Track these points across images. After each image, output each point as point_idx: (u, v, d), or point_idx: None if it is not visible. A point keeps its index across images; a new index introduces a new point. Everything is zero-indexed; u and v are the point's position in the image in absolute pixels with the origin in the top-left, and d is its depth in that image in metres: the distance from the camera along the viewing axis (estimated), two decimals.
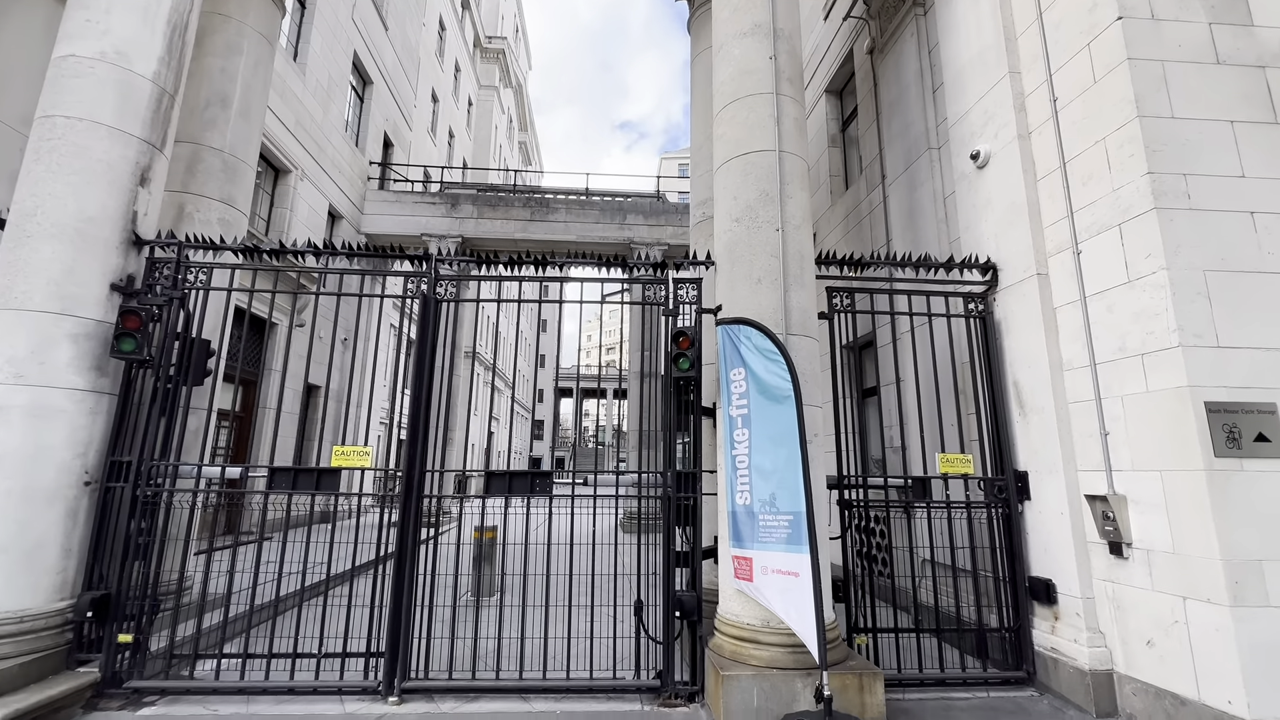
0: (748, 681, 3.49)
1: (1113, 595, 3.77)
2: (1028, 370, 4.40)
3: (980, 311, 4.77)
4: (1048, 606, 4.12)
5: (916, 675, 4.09)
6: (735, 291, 4.29)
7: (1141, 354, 3.60)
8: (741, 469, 3.89)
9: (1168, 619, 3.40)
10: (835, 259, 4.68)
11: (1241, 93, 3.75)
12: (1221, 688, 3.11)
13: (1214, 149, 3.66)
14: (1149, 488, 3.54)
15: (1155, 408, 3.51)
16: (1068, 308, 4.17)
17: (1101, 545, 3.83)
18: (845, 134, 8.94)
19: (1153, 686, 3.48)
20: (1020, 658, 4.19)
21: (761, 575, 3.66)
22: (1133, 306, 3.67)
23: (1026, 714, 3.77)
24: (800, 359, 4.01)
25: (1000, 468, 4.48)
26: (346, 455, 4.14)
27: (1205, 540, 3.21)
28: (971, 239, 5.05)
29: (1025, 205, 4.48)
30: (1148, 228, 3.59)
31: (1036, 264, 4.37)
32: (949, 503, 4.43)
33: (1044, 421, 4.23)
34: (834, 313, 4.59)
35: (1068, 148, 4.21)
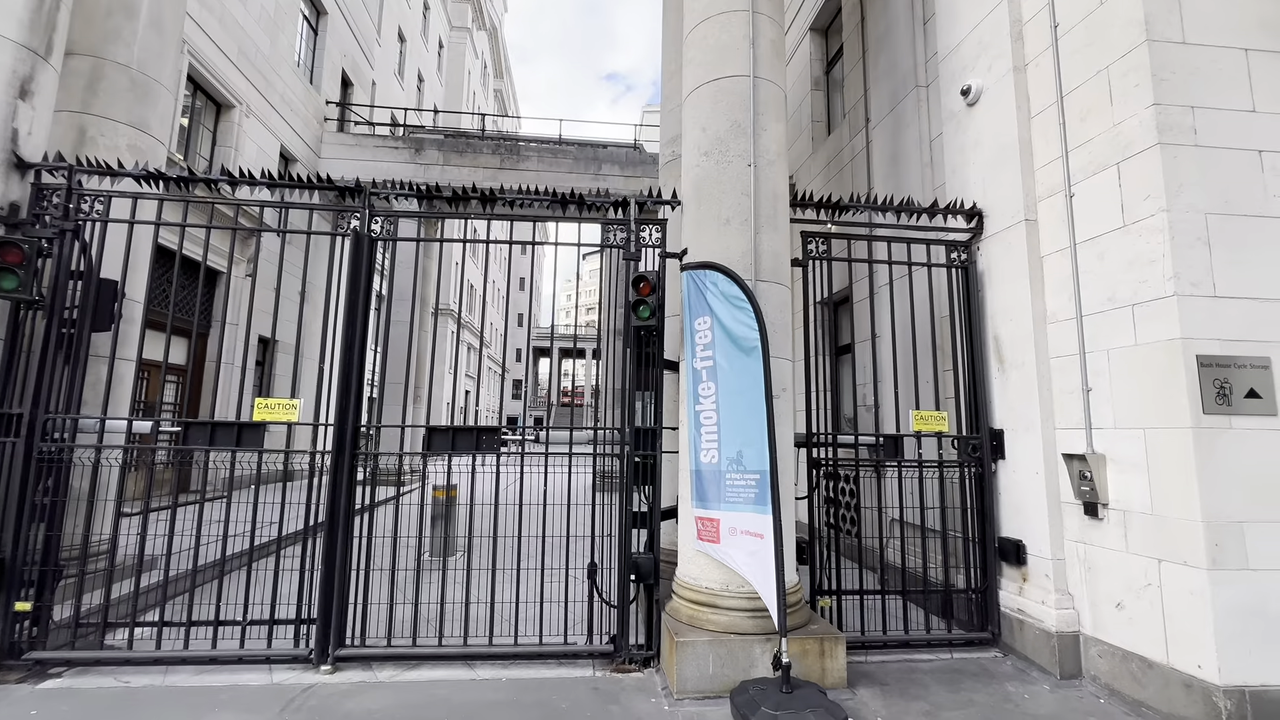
0: (704, 648, 3.29)
1: (1084, 557, 3.62)
2: (1009, 323, 4.15)
3: (963, 261, 4.48)
4: (1016, 568, 3.99)
5: (880, 638, 3.96)
6: (702, 233, 3.92)
7: (1133, 304, 3.35)
8: (707, 425, 3.61)
9: (1140, 581, 3.26)
10: (811, 200, 4.32)
11: (1259, 17, 3.41)
12: (1192, 651, 2.98)
13: (1225, 80, 3.34)
14: (1130, 446, 3.34)
15: (1143, 362, 3.28)
16: (1055, 256, 3.89)
17: (1076, 506, 3.67)
18: (829, 77, 8.43)
19: (1120, 649, 3.36)
20: (986, 619, 4.08)
21: (729, 537, 3.43)
22: (1126, 253, 3.40)
23: (990, 676, 3.66)
24: (770, 308, 3.70)
25: (975, 426, 4.28)
26: (271, 409, 3.75)
27: (1186, 501, 3.03)
28: (957, 184, 4.71)
29: (1017, 145, 4.14)
30: (1149, 166, 3.28)
31: (1025, 209, 4.06)
32: (921, 461, 4.23)
33: (1023, 377, 4.01)
34: (809, 259, 4.25)
35: (1066, 79, 3.85)
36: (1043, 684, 3.54)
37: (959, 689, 3.45)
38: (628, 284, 3.97)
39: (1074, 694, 3.43)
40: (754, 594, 3.42)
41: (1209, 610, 2.92)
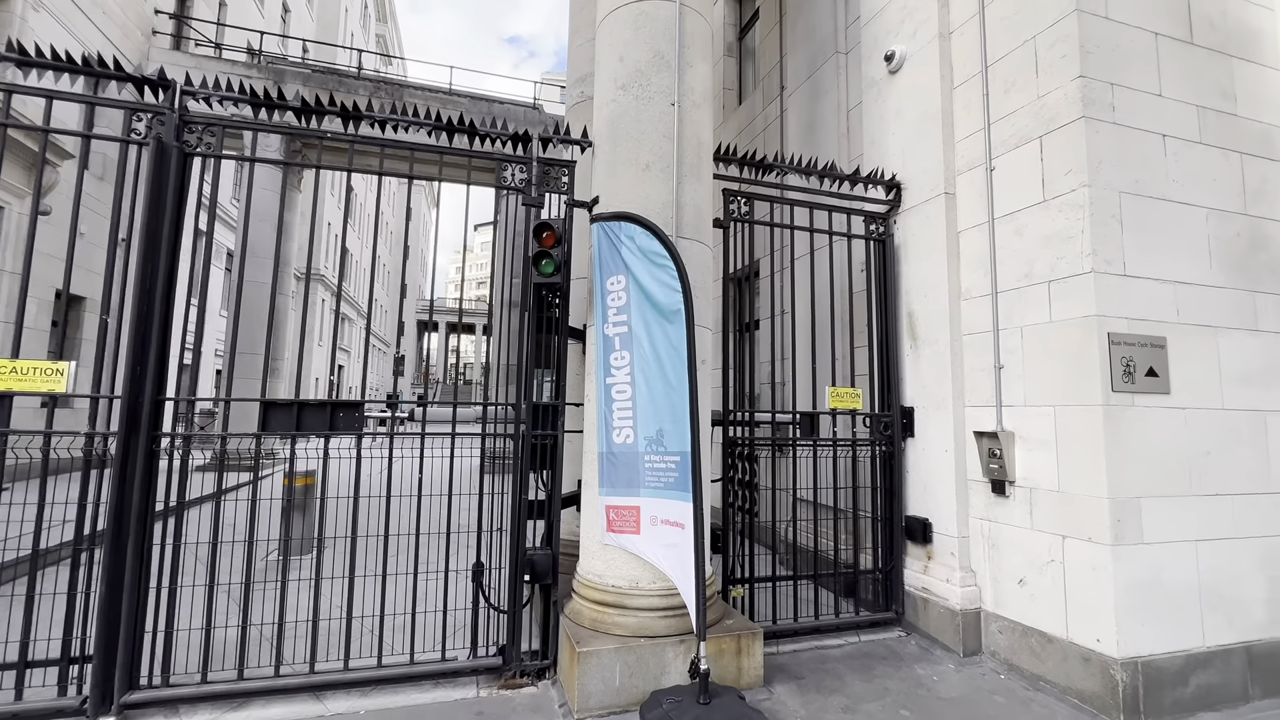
0: (609, 656, 2.84)
1: (988, 534, 3.62)
2: (924, 299, 4.06)
3: (880, 234, 4.34)
4: (922, 546, 3.95)
5: (792, 625, 3.75)
6: (617, 179, 3.39)
7: (1049, 281, 3.32)
8: (620, 400, 3.13)
9: (1044, 558, 3.27)
10: (734, 155, 3.93)
11: (1167, 3, 3.47)
12: (1091, 626, 3.02)
13: (1139, 61, 3.36)
14: (1040, 424, 3.33)
15: (1057, 339, 3.26)
16: (972, 231, 3.83)
17: (983, 484, 3.65)
18: (742, 44, 8.15)
19: (1020, 625, 3.39)
20: (890, 599, 4.03)
21: (650, 527, 2.99)
22: (1045, 229, 3.35)
23: (899, 658, 3.58)
24: (692, 269, 3.26)
25: (887, 403, 4.19)
26: (24, 376, 2.71)
27: (1094, 478, 3.04)
28: (876, 154, 4.56)
29: (939, 115, 4.02)
30: (1072, 139, 3.23)
31: (945, 182, 3.96)
32: (835, 440, 4.06)
33: (936, 354, 3.94)
34: (730, 220, 3.87)
35: (992, 48, 3.74)
36: (947, 663, 3.51)
37: (872, 676, 3.31)
38: (528, 233, 3.35)
39: (977, 671, 3.42)
40: (668, 590, 3.02)
41: (1110, 585, 2.94)
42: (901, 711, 2.94)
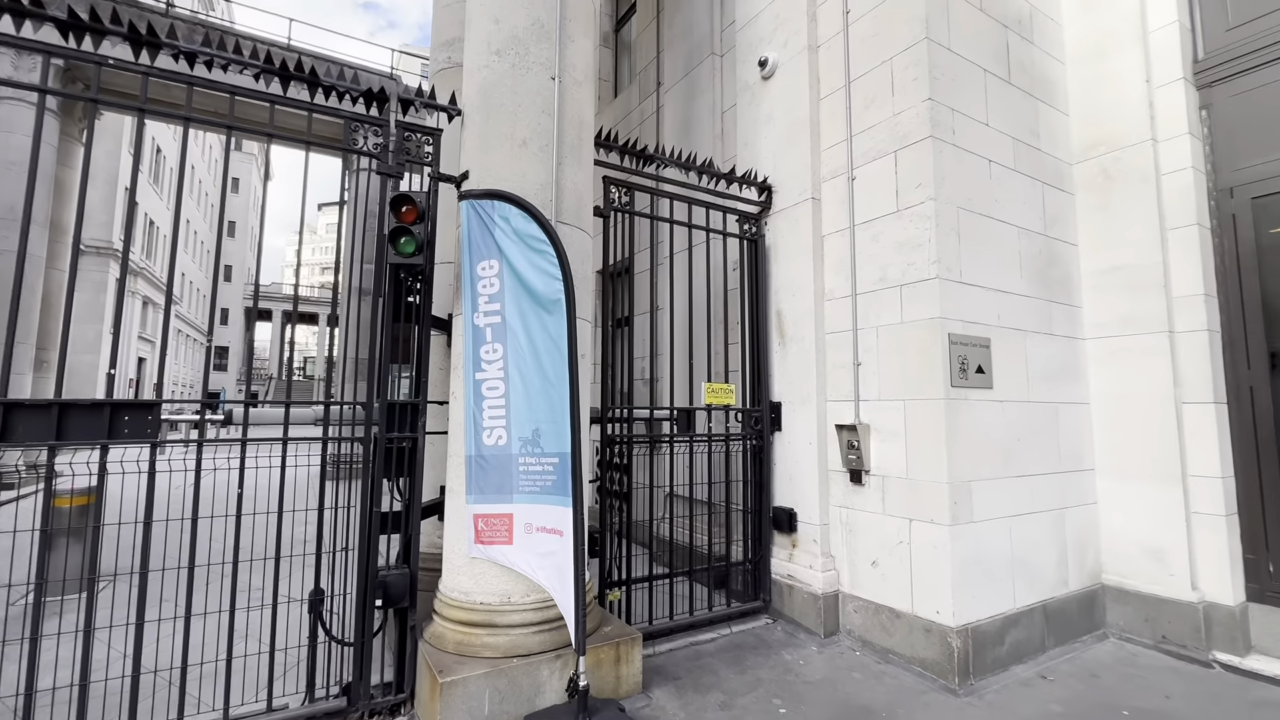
0: (477, 683, 2.55)
1: (846, 521, 3.87)
2: (792, 299, 4.24)
3: (752, 234, 4.46)
4: (788, 535, 4.13)
5: (667, 625, 3.71)
6: (490, 154, 3.07)
7: (901, 285, 3.60)
8: (492, 397, 2.83)
9: (894, 540, 3.55)
10: (615, 142, 3.79)
11: (992, 44, 3.93)
12: (932, 599, 3.32)
13: (972, 91, 3.76)
14: (892, 417, 3.61)
15: (907, 338, 3.55)
16: (836, 236, 4.06)
17: (843, 474, 3.89)
18: (618, 36, 8.07)
19: (873, 603, 3.65)
20: (758, 588, 4.16)
21: (525, 536, 2.73)
22: (898, 237, 3.63)
23: (767, 646, 3.69)
24: (573, 257, 3.05)
25: (758, 399, 4.32)
26: None
27: (936, 465, 3.35)
28: (749, 156, 4.69)
29: (808, 123, 4.22)
30: (922, 156, 3.53)
31: (812, 188, 4.17)
32: (710, 436, 4.10)
33: (802, 351, 4.13)
34: (610, 209, 3.72)
35: (854, 65, 3.99)
36: (810, 645, 3.69)
37: (745, 668, 3.36)
38: (383, 207, 2.92)
39: (836, 651, 3.62)
40: (544, 603, 2.80)
41: (948, 562, 3.26)
42: (773, 700, 3.00)
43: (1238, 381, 3.71)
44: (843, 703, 3.00)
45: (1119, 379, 3.99)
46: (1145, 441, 3.84)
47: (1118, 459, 3.97)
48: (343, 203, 3.06)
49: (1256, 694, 3.15)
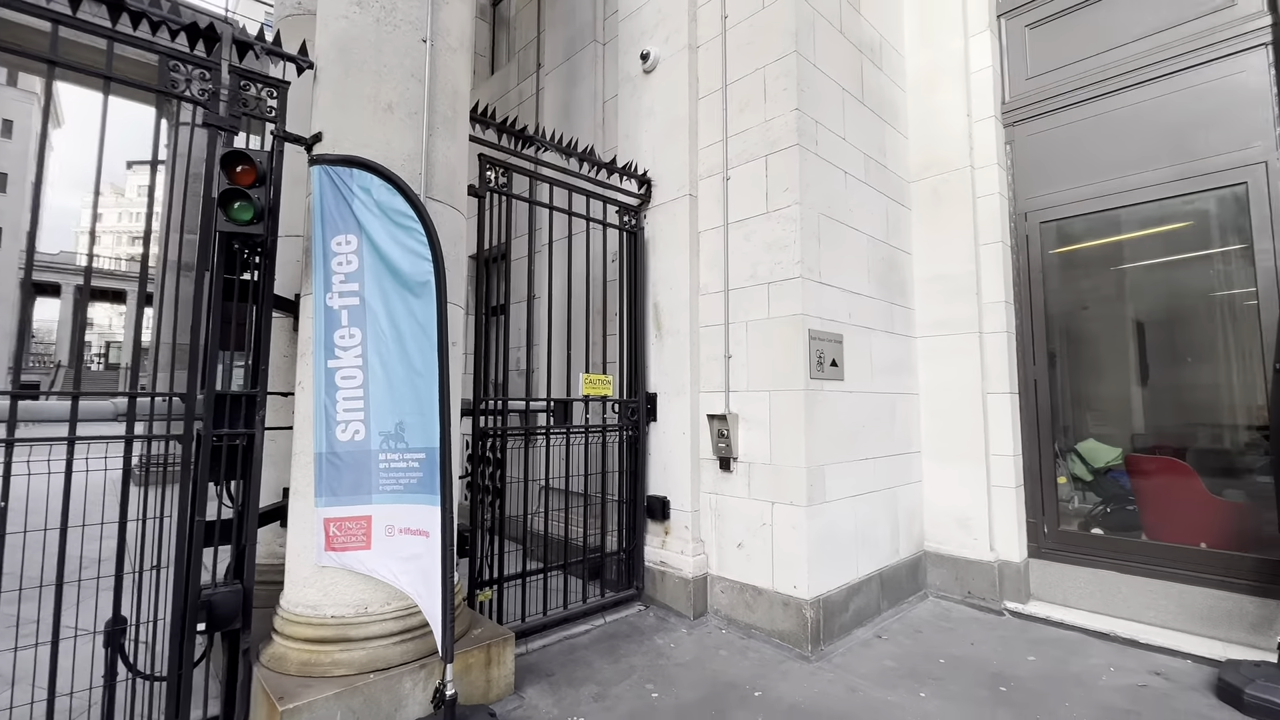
0: (326, 706, 2.30)
1: (716, 506, 4.05)
2: (669, 292, 4.33)
3: (632, 226, 4.49)
4: (661, 523, 4.23)
5: (541, 620, 3.63)
6: (350, 116, 2.76)
7: (769, 283, 3.82)
8: (348, 388, 2.55)
9: (758, 522, 3.78)
10: (493, 119, 3.59)
11: (849, 66, 4.29)
12: (790, 576, 3.59)
13: (833, 107, 4.08)
14: (758, 407, 3.83)
15: (773, 333, 3.78)
16: (711, 232, 4.21)
17: (713, 461, 4.06)
18: (496, 10, 7.69)
19: (738, 583, 3.86)
20: (632, 576, 4.23)
21: (386, 539, 2.49)
22: (767, 237, 3.85)
23: (640, 633, 3.75)
24: (444, 236, 2.84)
25: (635, 390, 4.37)
26: None
27: (795, 451, 3.61)
28: (630, 148, 4.70)
29: (686, 121, 4.31)
30: (789, 162, 3.76)
31: (690, 185, 4.28)
32: (588, 427, 4.07)
33: (678, 344, 4.24)
34: (487, 189, 3.52)
35: (731, 69, 4.15)
36: (681, 629, 3.82)
37: (618, 657, 3.39)
38: (213, 164, 2.49)
39: (704, 631, 3.79)
40: (405, 610, 2.60)
41: (804, 540, 3.54)
42: (646, 686, 3.06)
43: (1026, 375, 4.44)
44: (711, 680, 3.13)
45: (941, 372, 4.59)
46: (959, 427, 4.46)
47: (939, 442, 4.57)
48: (157, 160, 2.57)
49: (1034, 634, 3.81)
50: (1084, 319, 4.42)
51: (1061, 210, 4.32)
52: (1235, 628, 3.47)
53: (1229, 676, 2.98)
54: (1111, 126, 4.10)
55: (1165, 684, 3.13)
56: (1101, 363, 4.42)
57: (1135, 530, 4.07)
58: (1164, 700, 2.97)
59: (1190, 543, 3.77)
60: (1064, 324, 4.41)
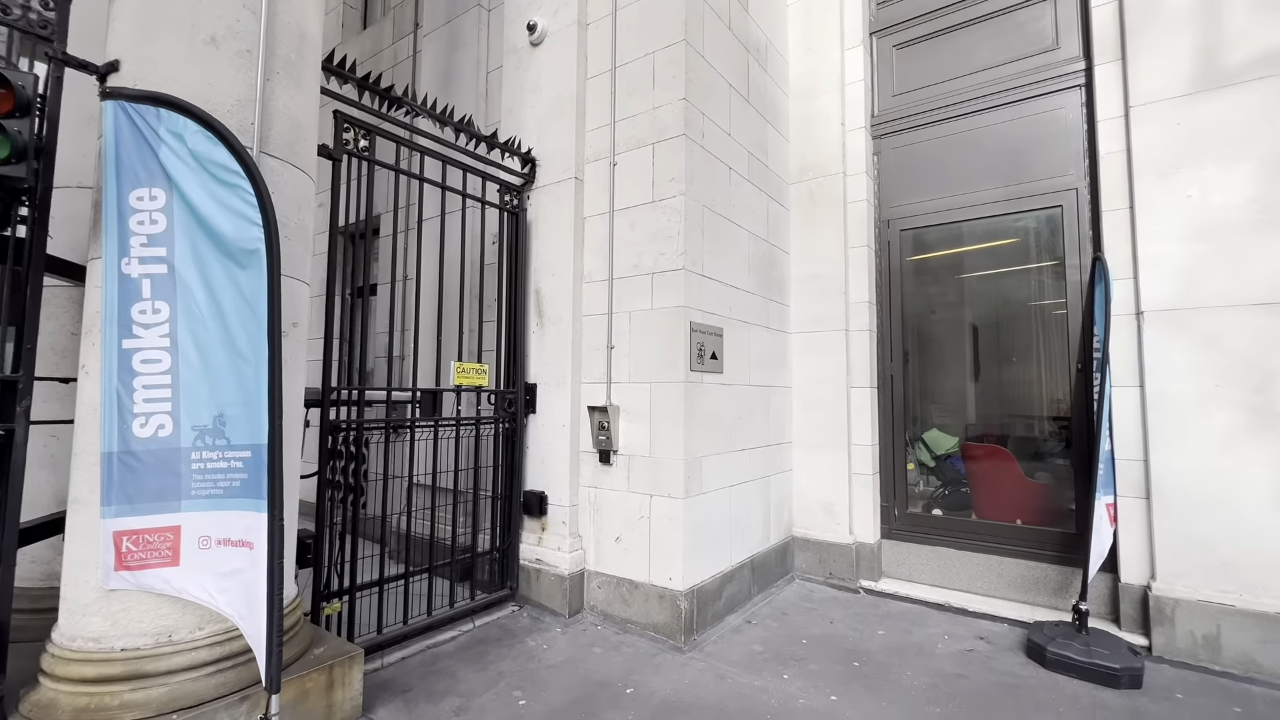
0: None
1: (594, 500, 3.95)
2: (552, 278, 4.15)
3: (514, 207, 4.24)
4: (538, 519, 4.06)
5: (401, 630, 3.33)
6: (158, 45, 2.28)
7: (653, 273, 3.77)
8: (151, 374, 2.11)
9: (636, 515, 3.74)
10: (354, 74, 3.18)
11: (736, 64, 4.35)
12: (666, 568, 3.59)
13: (719, 102, 4.11)
14: (639, 399, 3.78)
15: (656, 324, 3.74)
16: (597, 219, 4.08)
17: (593, 454, 3.96)
18: None
19: (615, 577, 3.80)
20: (506, 575, 4.02)
21: (200, 553, 2.10)
22: (652, 227, 3.79)
23: (511, 635, 3.57)
24: (284, 201, 2.47)
25: (513, 380, 4.14)
26: None
27: (674, 444, 3.61)
28: (514, 123, 4.44)
29: (574, 101, 4.14)
30: (676, 152, 3.72)
31: (576, 167, 4.11)
32: (459, 419, 3.79)
33: (560, 332, 4.07)
34: (344, 152, 3.12)
35: (621, 51, 4.03)
36: (555, 628, 3.69)
37: (486, 664, 3.19)
38: None
39: (580, 629, 3.69)
40: (224, 635, 2.22)
41: (680, 532, 3.55)
42: (514, 693, 2.90)
43: (884, 371, 4.81)
44: (583, 680, 3.04)
45: (812, 367, 4.83)
46: (826, 418, 4.73)
47: (808, 433, 4.83)
48: None
49: (885, 609, 4.13)
50: (932, 321, 4.87)
51: (918, 220, 4.71)
52: (1042, 593, 4.00)
53: (1035, 637, 3.41)
54: (960, 146, 4.52)
55: (988, 647, 3.51)
56: (945, 361, 4.89)
57: (967, 510, 4.56)
58: (986, 662, 3.33)
59: (1009, 520, 4.29)
60: (916, 325, 4.82)
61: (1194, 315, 3.38)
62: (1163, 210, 3.50)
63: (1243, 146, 3.30)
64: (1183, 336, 3.41)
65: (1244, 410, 3.22)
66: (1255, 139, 3.27)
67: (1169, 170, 3.49)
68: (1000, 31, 4.41)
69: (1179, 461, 3.39)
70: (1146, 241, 3.54)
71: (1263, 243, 3.22)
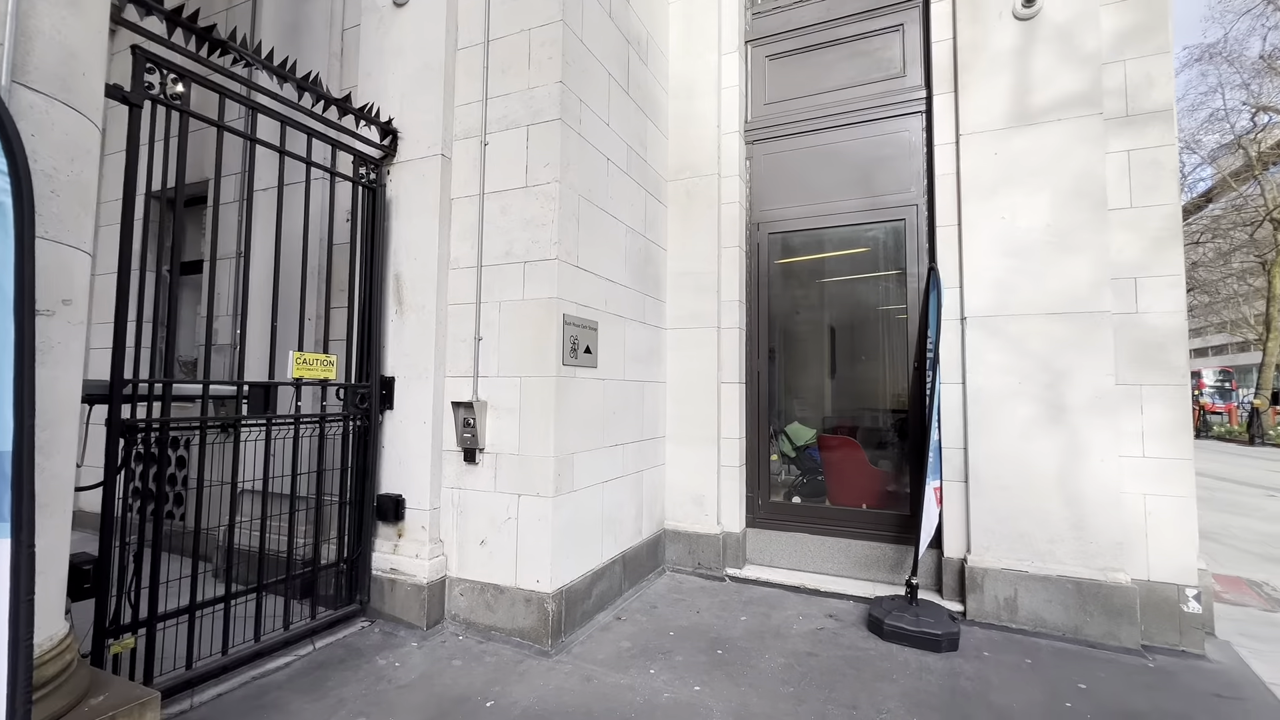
0: None
1: (458, 502, 3.70)
2: (414, 262, 3.81)
3: (371, 181, 3.83)
4: (394, 525, 3.72)
5: (219, 662, 2.87)
6: None
7: (525, 262, 3.59)
8: None
9: (503, 516, 3.55)
10: (160, 4, 2.65)
11: (616, 53, 4.28)
12: (534, 570, 3.44)
13: (598, 91, 4.01)
14: (509, 393, 3.59)
15: (528, 315, 3.57)
16: (465, 201, 3.81)
17: (457, 453, 3.70)
18: None
19: (479, 583, 3.59)
20: (356, 588, 3.65)
21: None
22: (525, 213, 3.61)
23: (359, 654, 3.24)
24: (51, 150, 1.98)
25: (367, 373, 3.75)
26: None
27: (544, 441, 3.47)
28: (373, 89, 4.01)
29: (442, 71, 3.82)
30: (551, 137, 3.57)
31: (444, 144, 3.80)
32: (299, 417, 3.35)
33: (422, 321, 3.76)
34: (147, 97, 2.59)
35: (495, 24, 3.79)
36: (411, 642, 3.40)
37: (325, 691, 2.85)
38: None
39: (439, 640, 3.43)
40: None
41: (549, 532, 3.42)
42: None
43: (752, 367, 5.02)
44: (438, 698, 2.81)
45: (685, 362, 4.92)
46: (697, 413, 4.85)
47: (681, 428, 4.91)
48: None
49: (747, 595, 4.32)
50: (796, 321, 5.17)
51: (785, 225, 4.96)
52: (882, 570, 4.40)
53: (875, 611, 3.73)
54: (822, 157, 4.83)
55: (836, 624, 3.79)
56: (806, 358, 5.22)
57: (823, 497, 4.91)
58: (834, 638, 3.58)
59: (857, 505, 4.68)
60: (782, 324, 5.10)
61: (1005, 321, 3.88)
62: (983, 229, 3.97)
63: (1043, 178, 3.83)
64: (996, 340, 3.90)
65: (1039, 404, 3.76)
66: (1052, 172, 3.81)
67: (988, 194, 3.97)
68: (858, 54, 4.76)
69: (990, 448, 3.88)
70: (970, 255, 4.00)
71: (1056, 261, 3.77)
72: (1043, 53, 3.88)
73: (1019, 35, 3.95)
